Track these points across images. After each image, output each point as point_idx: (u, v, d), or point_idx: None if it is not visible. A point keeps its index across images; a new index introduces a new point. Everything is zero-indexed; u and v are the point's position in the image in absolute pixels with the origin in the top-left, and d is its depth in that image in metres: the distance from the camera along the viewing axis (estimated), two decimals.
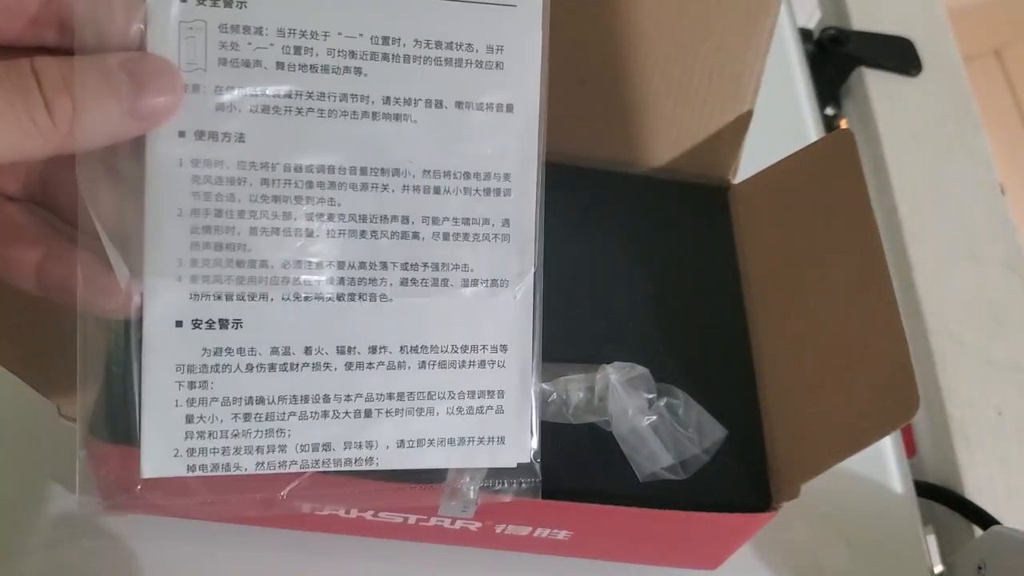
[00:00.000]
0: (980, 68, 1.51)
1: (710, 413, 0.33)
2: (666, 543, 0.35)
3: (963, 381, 0.49)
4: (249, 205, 0.22)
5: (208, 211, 0.22)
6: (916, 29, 0.64)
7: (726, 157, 0.41)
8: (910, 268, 0.53)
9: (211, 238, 0.22)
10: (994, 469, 0.46)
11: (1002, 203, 0.57)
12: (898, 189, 0.56)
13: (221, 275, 0.22)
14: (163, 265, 0.22)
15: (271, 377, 0.23)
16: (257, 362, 0.23)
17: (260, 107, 0.22)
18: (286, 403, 0.23)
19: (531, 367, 0.26)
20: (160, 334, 0.22)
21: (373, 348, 0.24)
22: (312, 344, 0.24)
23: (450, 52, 0.24)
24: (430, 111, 0.24)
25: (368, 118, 0.23)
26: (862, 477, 0.43)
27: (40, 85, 0.19)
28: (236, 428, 0.23)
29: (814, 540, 0.41)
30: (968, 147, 0.59)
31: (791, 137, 0.52)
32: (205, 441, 0.23)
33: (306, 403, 0.24)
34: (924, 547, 0.43)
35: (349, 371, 0.24)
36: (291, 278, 0.23)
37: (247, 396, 0.23)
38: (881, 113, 0.60)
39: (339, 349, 0.24)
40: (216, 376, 0.23)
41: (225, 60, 0.22)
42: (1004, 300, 0.52)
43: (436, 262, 0.24)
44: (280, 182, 0.23)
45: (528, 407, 0.26)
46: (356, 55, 0.23)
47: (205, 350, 0.23)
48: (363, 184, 0.23)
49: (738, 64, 0.39)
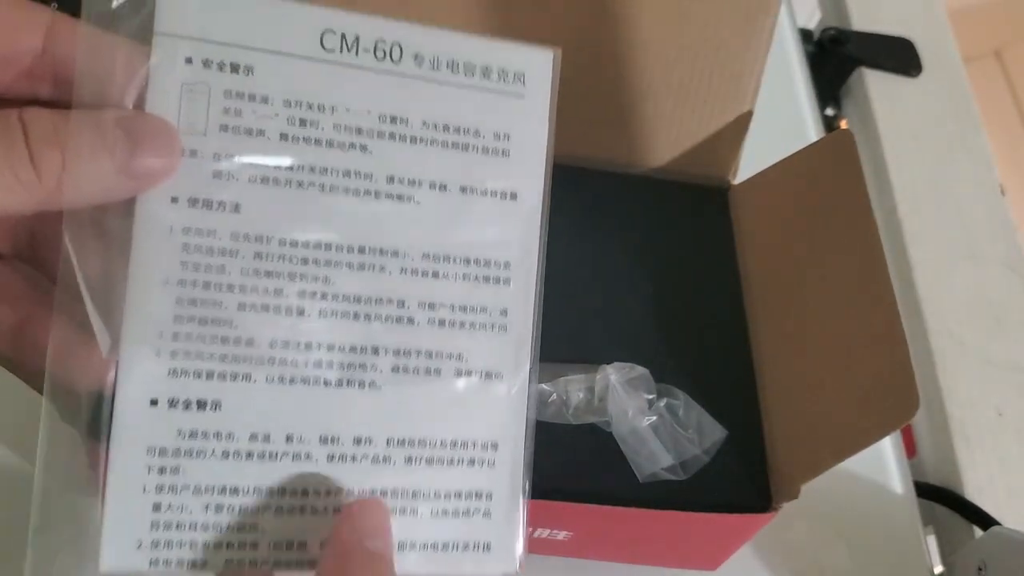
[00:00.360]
0: (980, 69, 1.51)
1: (710, 413, 0.33)
2: (666, 544, 0.35)
3: (963, 381, 0.49)
4: (239, 279, 0.22)
5: (196, 282, 0.21)
6: (916, 30, 0.64)
7: (726, 157, 0.41)
8: (910, 268, 0.53)
9: (196, 311, 0.21)
10: (994, 469, 0.46)
11: (1002, 203, 0.57)
12: (898, 189, 0.56)
13: (203, 351, 0.21)
14: (143, 336, 0.21)
15: (248, 466, 0.22)
16: (234, 448, 0.22)
17: (259, 178, 0.22)
18: (262, 495, 0.22)
19: (522, 468, 0.24)
20: (133, 411, 0.21)
21: (358, 440, 0.23)
22: (294, 432, 0.22)
23: (457, 136, 0.24)
24: (434, 193, 0.23)
25: (370, 196, 0.23)
26: (862, 478, 0.43)
27: (27, 137, 0.18)
28: (207, 520, 0.21)
29: (814, 540, 0.40)
30: (968, 147, 0.59)
31: (791, 137, 0.52)
32: (172, 533, 0.21)
33: (283, 496, 0.22)
34: (924, 548, 0.43)
35: (331, 463, 0.22)
36: (277, 359, 0.22)
37: (221, 486, 0.22)
38: (881, 113, 0.60)
39: (322, 439, 0.22)
40: (189, 462, 0.21)
41: (227, 127, 0.21)
42: (1004, 300, 0.52)
43: (430, 350, 0.23)
44: (274, 257, 0.22)
45: (517, 511, 0.24)
46: (363, 132, 0.23)
47: (180, 432, 0.21)
48: (360, 264, 0.23)
49: (738, 64, 0.39)
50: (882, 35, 0.63)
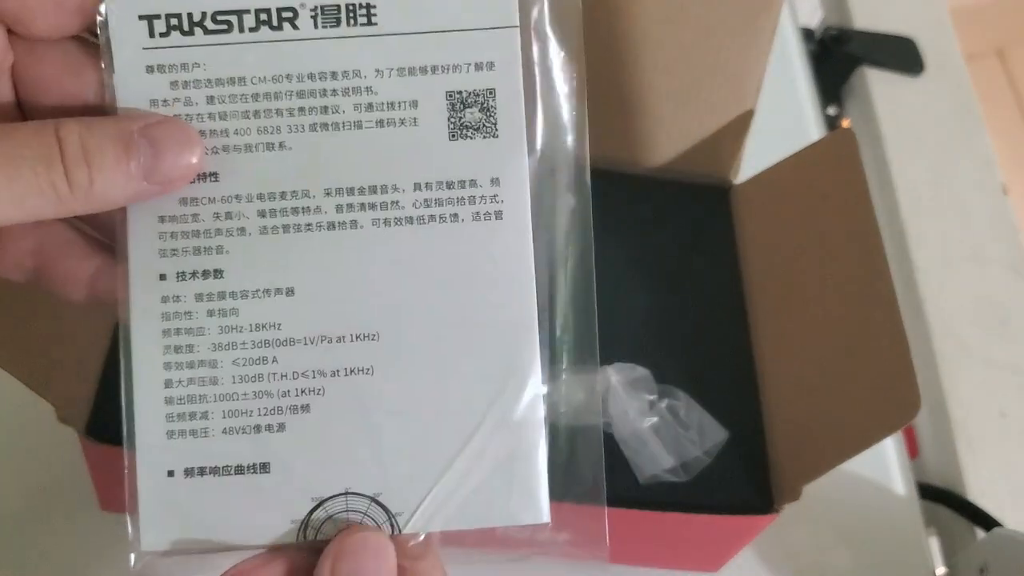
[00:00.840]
0: (983, 68, 1.51)
1: (711, 414, 0.33)
2: (667, 545, 0.35)
3: (966, 383, 0.49)
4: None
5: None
6: (918, 28, 0.63)
7: (728, 157, 0.41)
8: (912, 269, 0.53)
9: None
10: (997, 471, 0.46)
11: (1005, 204, 0.57)
12: (900, 189, 0.56)
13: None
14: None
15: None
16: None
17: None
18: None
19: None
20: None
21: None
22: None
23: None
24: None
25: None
26: (864, 479, 0.43)
27: (63, 155, 0.20)
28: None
29: (816, 542, 0.40)
30: (970, 147, 0.59)
31: (793, 137, 0.52)
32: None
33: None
34: (926, 549, 0.42)
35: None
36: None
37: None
38: (883, 113, 0.60)
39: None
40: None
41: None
42: (1007, 302, 0.52)
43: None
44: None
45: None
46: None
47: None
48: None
49: (740, 63, 0.38)
50: (884, 34, 0.63)
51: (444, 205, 0.23)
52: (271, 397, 0.22)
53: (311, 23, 0.22)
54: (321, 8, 0.22)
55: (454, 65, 0.22)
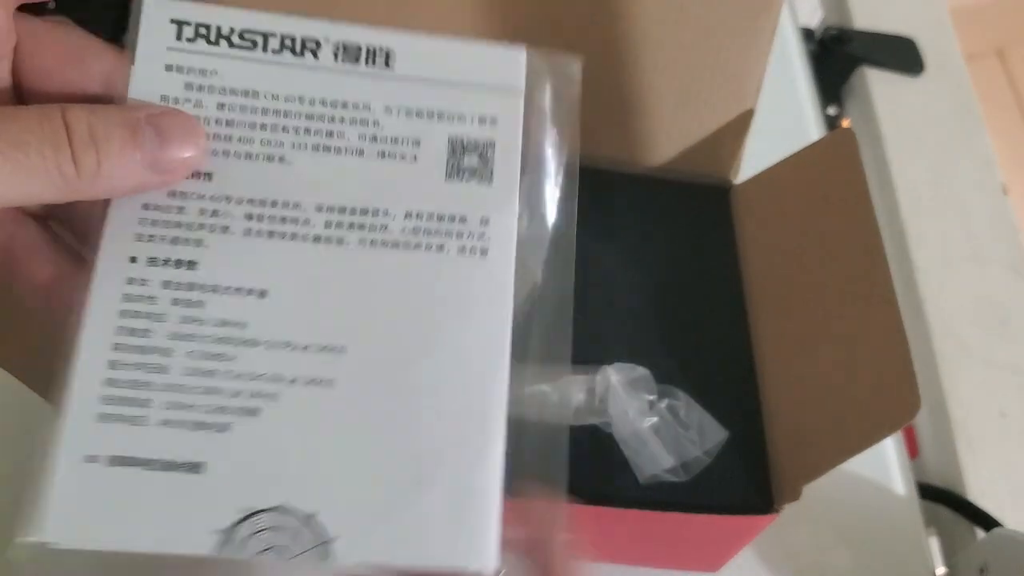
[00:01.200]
0: (983, 68, 1.51)
1: (711, 414, 0.33)
2: (667, 545, 0.35)
3: (966, 383, 0.49)
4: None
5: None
6: (918, 28, 0.63)
7: (727, 157, 0.41)
8: (912, 269, 0.52)
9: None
10: (997, 471, 0.46)
11: (1005, 204, 0.57)
12: (900, 189, 0.56)
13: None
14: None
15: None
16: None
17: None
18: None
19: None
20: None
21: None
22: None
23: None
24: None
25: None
26: (864, 479, 0.43)
27: (70, 139, 0.20)
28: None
29: (816, 542, 0.40)
30: (970, 147, 0.59)
31: (793, 137, 0.52)
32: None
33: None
34: (926, 549, 0.42)
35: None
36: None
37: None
38: (883, 113, 0.59)
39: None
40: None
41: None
42: (1007, 302, 0.52)
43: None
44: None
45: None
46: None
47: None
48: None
49: (740, 63, 0.38)
50: (884, 34, 0.63)
51: (432, 235, 0.23)
52: (220, 395, 0.21)
53: (331, 56, 0.23)
54: (343, 45, 0.23)
55: (460, 115, 0.24)
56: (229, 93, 0.23)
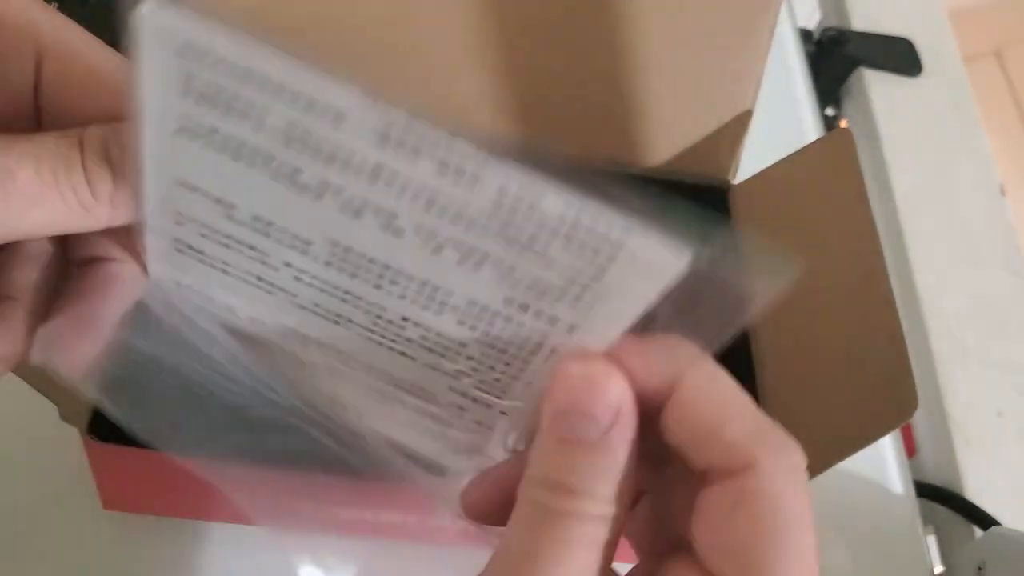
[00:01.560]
0: (980, 69, 1.51)
1: None
2: None
3: (963, 382, 0.49)
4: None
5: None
6: (916, 30, 0.64)
7: (726, 157, 0.41)
8: (910, 270, 0.53)
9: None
10: (994, 470, 0.46)
11: (1002, 205, 0.57)
12: (898, 190, 0.56)
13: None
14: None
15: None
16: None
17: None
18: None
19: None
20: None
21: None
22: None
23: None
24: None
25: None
26: (862, 478, 0.43)
27: (83, 157, 0.18)
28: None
29: None
30: (968, 148, 0.59)
31: (791, 137, 0.52)
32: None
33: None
34: (924, 548, 0.43)
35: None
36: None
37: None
38: (881, 114, 0.60)
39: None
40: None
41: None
42: (1005, 302, 0.52)
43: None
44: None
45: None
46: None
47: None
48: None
49: (738, 64, 0.39)
50: (882, 35, 0.63)
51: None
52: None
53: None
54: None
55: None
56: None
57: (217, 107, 0.18)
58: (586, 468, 0.18)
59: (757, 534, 0.17)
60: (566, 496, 0.18)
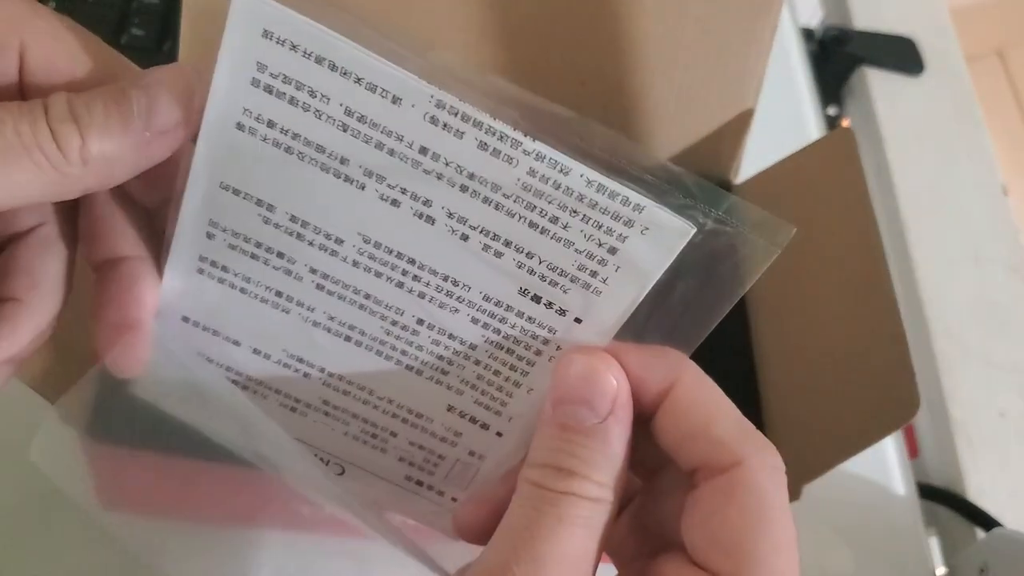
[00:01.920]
0: (983, 68, 1.51)
1: None
2: None
3: (966, 383, 0.49)
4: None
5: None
6: (918, 29, 0.63)
7: (727, 157, 0.41)
8: (912, 269, 0.53)
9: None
10: (996, 471, 0.46)
11: (1005, 204, 0.57)
12: (900, 189, 0.56)
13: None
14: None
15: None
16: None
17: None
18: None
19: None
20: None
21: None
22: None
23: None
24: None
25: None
26: (864, 479, 0.43)
27: (47, 116, 0.18)
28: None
29: (816, 542, 0.40)
30: (970, 147, 0.59)
31: (793, 137, 0.52)
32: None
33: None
34: (926, 549, 0.43)
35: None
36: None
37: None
38: (883, 113, 0.60)
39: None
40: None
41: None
42: (1007, 302, 0.52)
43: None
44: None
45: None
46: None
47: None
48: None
49: (739, 63, 0.38)
50: (884, 34, 0.63)
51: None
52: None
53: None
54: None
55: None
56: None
57: (283, 98, 0.19)
58: (585, 453, 0.19)
59: (746, 524, 0.19)
60: (565, 477, 0.19)
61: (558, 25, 0.37)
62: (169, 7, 0.47)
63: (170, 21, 0.47)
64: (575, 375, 0.20)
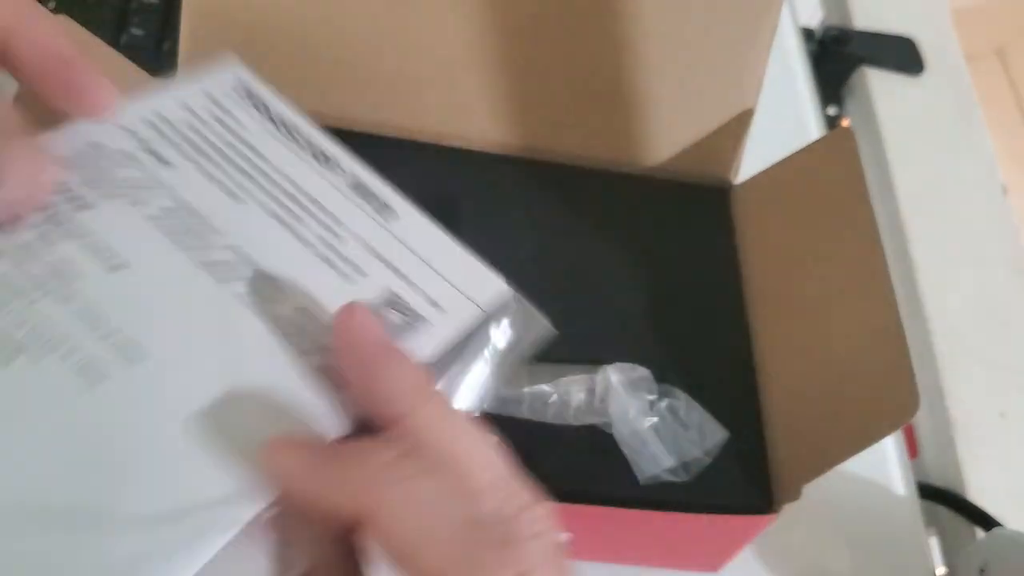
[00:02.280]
0: (982, 67, 1.51)
1: (711, 414, 0.33)
2: (667, 545, 0.35)
3: (965, 383, 0.49)
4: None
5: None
6: (918, 28, 0.63)
7: (727, 157, 0.41)
8: (912, 269, 0.52)
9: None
10: (996, 471, 0.46)
11: (1005, 204, 0.57)
12: (900, 189, 0.56)
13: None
14: None
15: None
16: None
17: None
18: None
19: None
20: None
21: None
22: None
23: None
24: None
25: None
26: (864, 479, 0.43)
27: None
28: None
29: (816, 542, 0.40)
30: (971, 147, 0.59)
31: (793, 137, 0.52)
32: None
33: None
34: (926, 549, 0.43)
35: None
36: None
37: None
38: (883, 113, 0.59)
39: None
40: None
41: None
42: (1007, 302, 0.52)
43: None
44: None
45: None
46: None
47: None
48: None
49: (739, 63, 0.38)
50: (884, 34, 0.63)
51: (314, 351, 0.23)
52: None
53: (343, 183, 0.26)
54: (355, 184, 0.25)
55: (415, 284, 0.24)
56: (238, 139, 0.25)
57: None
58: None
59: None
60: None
61: (558, 25, 0.37)
62: (169, 7, 0.47)
63: (170, 21, 0.47)
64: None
